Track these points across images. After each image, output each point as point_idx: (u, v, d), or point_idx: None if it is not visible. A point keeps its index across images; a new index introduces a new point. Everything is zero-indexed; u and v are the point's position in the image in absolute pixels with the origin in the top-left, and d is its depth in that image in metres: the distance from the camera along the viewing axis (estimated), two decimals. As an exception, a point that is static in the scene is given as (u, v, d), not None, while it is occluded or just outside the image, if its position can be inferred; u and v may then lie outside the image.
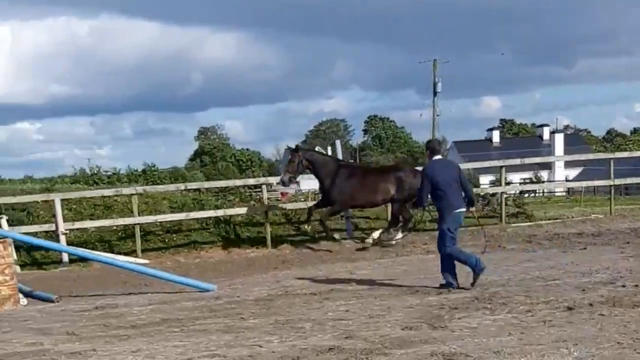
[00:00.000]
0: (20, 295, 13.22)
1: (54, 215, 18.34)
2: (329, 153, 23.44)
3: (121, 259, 16.50)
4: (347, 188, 17.91)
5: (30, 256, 18.66)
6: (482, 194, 24.06)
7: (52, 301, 13.16)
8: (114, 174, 34.73)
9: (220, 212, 19.95)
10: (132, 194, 19.49)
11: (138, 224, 19.01)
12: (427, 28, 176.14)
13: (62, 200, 18.69)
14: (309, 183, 28.78)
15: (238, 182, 25.27)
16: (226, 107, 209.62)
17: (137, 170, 34.95)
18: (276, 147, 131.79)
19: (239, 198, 22.67)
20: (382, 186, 17.98)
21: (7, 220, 17.53)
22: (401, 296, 11.51)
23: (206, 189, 23.34)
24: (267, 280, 14.35)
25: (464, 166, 31.57)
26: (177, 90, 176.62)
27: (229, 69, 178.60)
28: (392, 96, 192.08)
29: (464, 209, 12.20)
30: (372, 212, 20.96)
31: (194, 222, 20.17)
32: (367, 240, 17.96)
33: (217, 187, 25.36)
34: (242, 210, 20.04)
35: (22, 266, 17.49)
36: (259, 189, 23.65)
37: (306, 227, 19.08)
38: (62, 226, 18.12)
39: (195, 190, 23.21)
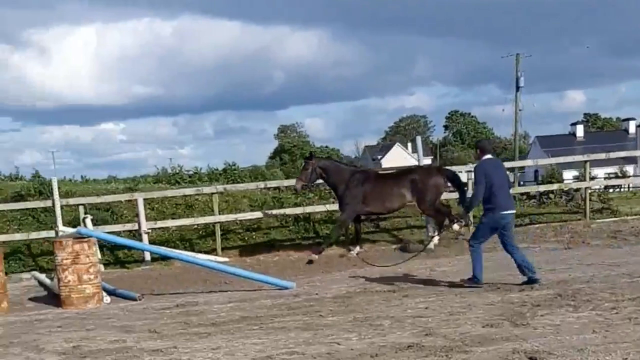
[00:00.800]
0: (104, 294, 13.47)
1: (137, 215, 18.61)
2: (409, 149, 23.28)
3: (202, 257, 16.65)
4: (360, 194, 17.36)
5: (114, 255, 19.00)
6: (565, 189, 23.61)
7: (135, 299, 13.36)
8: (195, 173, 35.00)
9: (299, 210, 19.99)
10: (212, 193, 19.65)
11: (218, 222, 19.17)
12: (509, 22, 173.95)
13: (144, 199, 18.95)
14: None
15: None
16: (306, 104, 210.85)
17: (217, 169, 35.10)
18: (356, 143, 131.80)
19: (319, 195, 22.68)
20: (396, 191, 17.39)
21: (92, 220, 17.84)
22: (482, 293, 11.36)
23: (286, 187, 23.38)
24: (345, 278, 14.30)
25: (547, 161, 31.21)
26: (258, 89, 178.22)
27: (310, 66, 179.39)
28: (474, 91, 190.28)
29: (513, 211, 12.25)
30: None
31: (273, 220, 20.25)
32: (429, 247, 17.29)
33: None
34: (321, 207, 20.05)
35: (106, 265, 17.81)
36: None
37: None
38: (145, 225, 18.37)
39: (275, 188, 23.27)
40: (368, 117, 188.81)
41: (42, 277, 16.18)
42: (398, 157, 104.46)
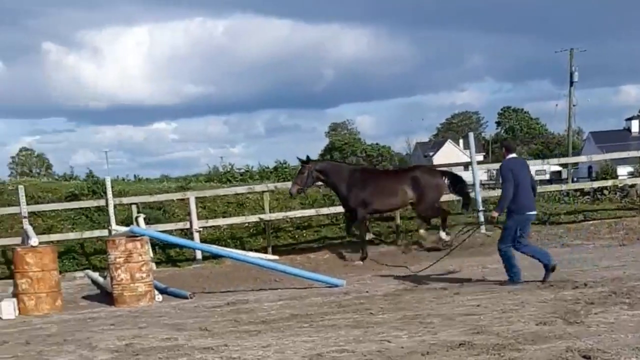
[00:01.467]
0: (156, 292, 13.57)
1: (189, 214, 18.72)
2: (461, 146, 23.06)
3: (252, 255, 16.68)
4: (364, 193, 17.00)
5: (166, 254, 19.15)
6: (620, 185, 23.23)
7: (186, 297, 13.45)
8: (247, 171, 35.08)
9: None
10: (264, 191, 19.71)
11: (269, 220, 19.21)
12: (563, 16, 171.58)
13: (196, 198, 19.08)
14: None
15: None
16: (357, 102, 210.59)
17: (268, 168, 35.19)
18: (407, 140, 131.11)
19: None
20: (399, 188, 17.09)
21: (145, 219, 17.98)
22: (534, 290, 11.23)
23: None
24: (396, 276, 14.24)
25: (601, 157, 30.74)
26: (309, 87, 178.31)
27: (360, 64, 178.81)
28: (527, 87, 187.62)
29: (535, 212, 12.31)
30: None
31: (324, 217, 20.24)
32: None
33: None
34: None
35: (158, 263, 17.94)
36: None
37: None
38: (196, 224, 18.47)
39: (326, 186, 23.24)
40: (419, 114, 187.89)
41: (96, 275, 16.37)
42: (450, 154, 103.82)
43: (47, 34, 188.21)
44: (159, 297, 13.53)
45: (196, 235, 18.22)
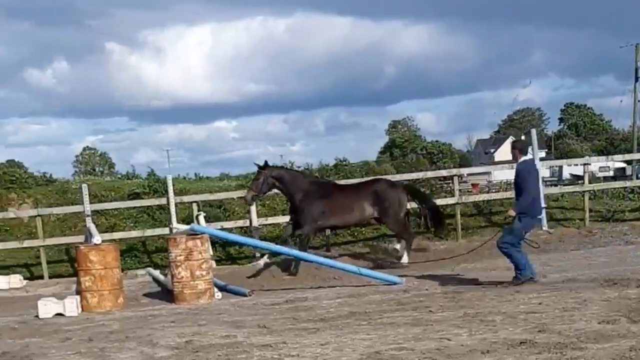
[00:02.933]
0: (215, 289, 13.65)
1: (248, 212, 18.80)
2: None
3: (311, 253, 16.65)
4: (319, 207, 16.33)
5: (225, 251, 19.28)
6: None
7: (245, 295, 13.51)
8: (307, 169, 35.15)
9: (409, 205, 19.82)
10: (324, 188, 19.68)
11: (328, 218, 19.16)
12: (628, 11, 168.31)
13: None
14: (503, 173, 28.21)
15: (429, 174, 24.93)
16: (418, 99, 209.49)
17: (328, 165, 35.20)
18: (468, 137, 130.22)
19: (430, 190, 22.47)
20: (357, 204, 16.43)
21: (205, 217, 18.12)
22: (598, 288, 11.04)
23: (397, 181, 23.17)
24: (456, 273, 14.12)
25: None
26: (369, 84, 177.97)
27: (421, 60, 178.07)
28: (590, 83, 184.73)
29: (542, 217, 12.08)
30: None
31: (383, 215, 20.13)
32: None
33: (408, 180, 25.20)
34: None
35: (218, 261, 18.05)
36: (450, 181, 23.31)
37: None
38: (256, 221, 18.55)
39: (385, 183, 23.15)
40: (481, 110, 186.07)
41: (157, 273, 16.53)
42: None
43: (111, 34, 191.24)
44: (218, 294, 13.60)
45: (255, 233, 18.29)
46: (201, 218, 17.80)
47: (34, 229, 19.71)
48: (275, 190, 17.27)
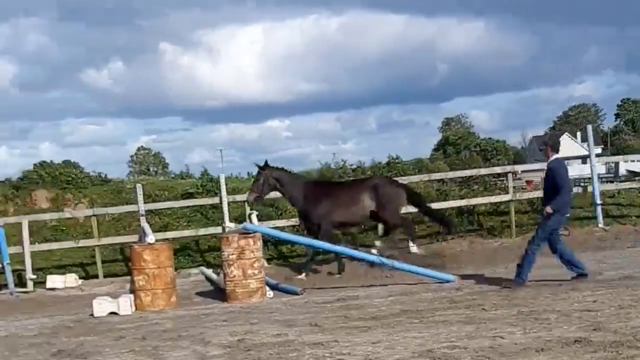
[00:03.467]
0: (267, 288, 13.68)
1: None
2: (579, 139, 22.38)
3: (362, 251, 16.59)
4: (325, 206, 16.14)
5: (277, 250, 19.31)
6: None
7: (297, 294, 13.51)
8: (359, 167, 35.07)
9: (463, 202, 19.72)
10: (376, 187, 19.65)
11: (381, 215, 19.12)
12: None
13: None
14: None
15: (483, 171, 24.76)
16: (471, 96, 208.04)
17: (381, 163, 35.10)
18: (522, 134, 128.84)
19: (483, 187, 22.29)
20: (357, 198, 16.25)
21: (257, 216, 18.14)
22: (655, 285, 10.82)
23: (450, 179, 23.12)
24: (510, 271, 13.91)
25: None
26: (422, 82, 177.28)
27: (475, 57, 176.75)
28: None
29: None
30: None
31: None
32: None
33: (461, 177, 25.05)
34: (486, 199, 19.73)
35: (269, 260, 18.10)
36: (504, 178, 23.11)
37: None
38: (309, 220, 18.51)
39: (438, 180, 23.03)
40: (535, 107, 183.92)
41: (209, 272, 16.60)
42: (567, 147, 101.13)
43: (164, 35, 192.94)
44: (270, 293, 13.63)
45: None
46: (254, 217, 17.81)
47: (90, 228, 19.96)
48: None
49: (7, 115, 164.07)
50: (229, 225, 17.61)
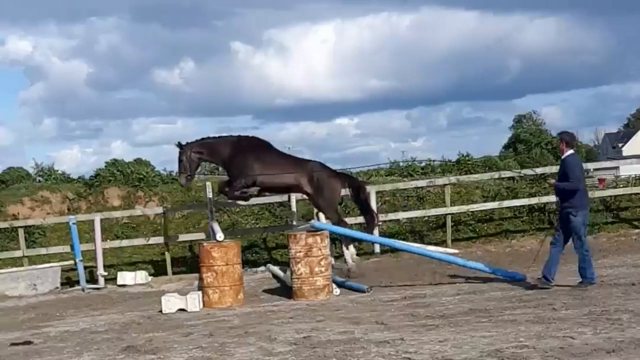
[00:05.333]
0: (334, 286, 13.66)
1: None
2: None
3: (431, 249, 16.48)
4: (254, 160, 15.64)
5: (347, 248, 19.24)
6: None
7: (363, 291, 13.44)
8: (428, 165, 34.84)
9: (534, 200, 19.46)
10: (445, 184, 19.54)
11: (449, 214, 18.99)
12: None
13: (376, 192, 19.07)
14: (632, 168, 27.31)
15: (554, 169, 24.43)
16: (544, 93, 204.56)
17: (450, 161, 34.79)
18: (595, 131, 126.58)
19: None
20: (292, 169, 15.75)
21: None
22: None
23: (521, 177, 22.82)
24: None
25: None
26: (494, 79, 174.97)
27: (548, 54, 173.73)
28: None
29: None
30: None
31: (506, 210, 19.80)
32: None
33: (532, 175, 24.70)
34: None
35: (336, 257, 18.05)
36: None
37: None
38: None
39: (509, 178, 22.73)
40: (609, 104, 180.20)
41: (276, 269, 16.66)
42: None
43: (236, 34, 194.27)
44: (336, 290, 13.61)
45: (375, 229, 18.19)
46: (321, 214, 17.82)
47: (160, 226, 20.23)
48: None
49: (80, 114, 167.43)
50: (297, 223, 17.67)
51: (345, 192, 16.62)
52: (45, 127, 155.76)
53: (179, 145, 16.14)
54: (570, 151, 12.25)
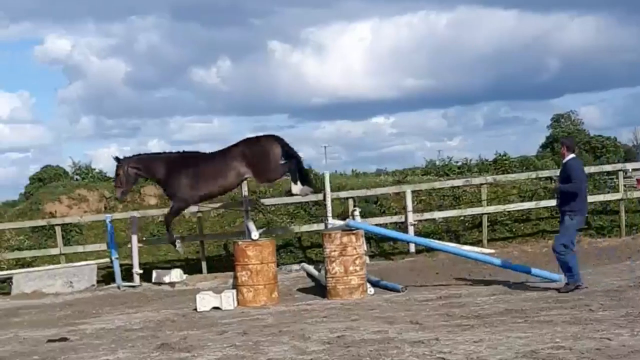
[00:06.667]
0: (368, 285, 13.62)
1: (404, 207, 18.68)
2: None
3: (466, 248, 16.39)
4: (187, 178, 15.46)
5: (379, 247, 19.23)
6: None
7: (398, 291, 13.41)
8: (465, 164, 34.73)
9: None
10: (481, 184, 19.43)
11: (486, 213, 18.87)
12: None
13: (412, 191, 19.01)
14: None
15: (593, 169, 24.12)
16: (582, 92, 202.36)
17: (487, 160, 34.66)
18: (634, 131, 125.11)
19: (593, 185, 21.72)
20: (228, 165, 15.34)
21: (360, 212, 18.10)
22: None
23: (557, 177, 22.60)
24: (619, 270, 13.57)
25: None
26: (532, 78, 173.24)
27: (587, 53, 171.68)
28: None
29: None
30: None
31: (543, 210, 19.63)
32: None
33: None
34: (595, 198, 19.22)
35: (371, 257, 18.03)
36: (614, 176, 22.48)
37: None
38: (412, 217, 18.38)
39: (546, 178, 22.54)
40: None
41: (311, 268, 16.65)
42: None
43: (273, 33, 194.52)
44: (371, 290, 13.58)
45: (410, 229, 18.14)
46: (357, 214, 17.78)
47: (195, 224, 20.30)
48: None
49: (117, 113, 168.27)
50: (332, 222, 17.62)
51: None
52: (83, 125, 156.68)
53: (117, 159, 15.98)
54: (572, 155, 12.37)
